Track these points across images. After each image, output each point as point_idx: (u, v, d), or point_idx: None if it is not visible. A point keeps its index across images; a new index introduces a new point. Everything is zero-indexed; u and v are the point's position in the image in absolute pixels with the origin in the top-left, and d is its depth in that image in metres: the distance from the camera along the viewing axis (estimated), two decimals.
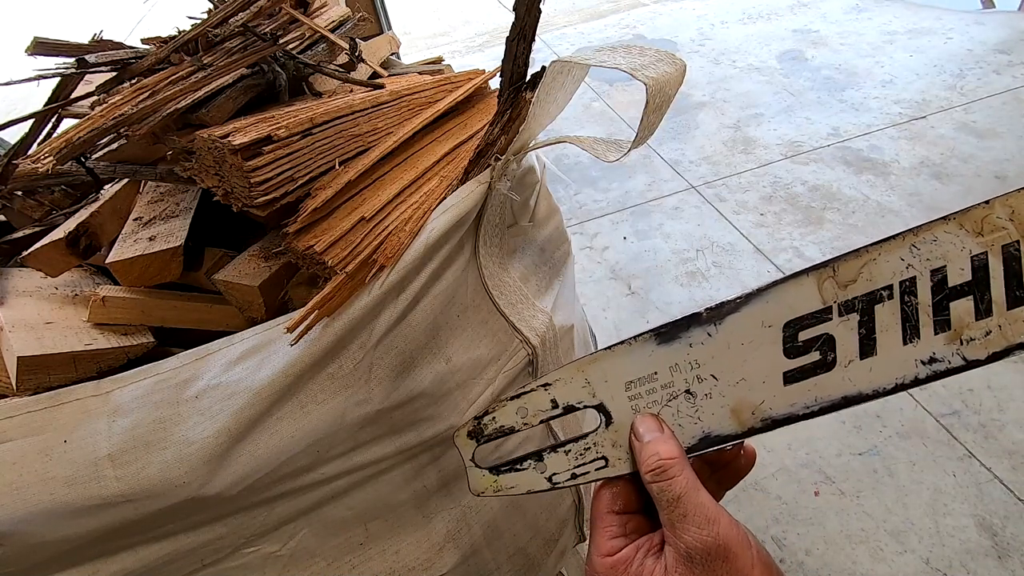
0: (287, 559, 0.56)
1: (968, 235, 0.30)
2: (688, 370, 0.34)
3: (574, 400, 0.35)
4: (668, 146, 2.32)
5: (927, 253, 0.30)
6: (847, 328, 0.32)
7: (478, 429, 0.37)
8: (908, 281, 0.31)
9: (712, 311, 0.33)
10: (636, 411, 0.35)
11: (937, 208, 1.84)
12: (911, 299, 0.31)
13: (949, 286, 0.30)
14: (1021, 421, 1.28)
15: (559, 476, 0.36)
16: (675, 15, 3.43)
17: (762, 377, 0.33)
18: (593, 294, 1.76)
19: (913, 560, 1.11)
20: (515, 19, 0.50)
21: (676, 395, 0.34)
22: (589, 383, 0.35)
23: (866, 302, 0.31)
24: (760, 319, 0.33)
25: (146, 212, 0.63)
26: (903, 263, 0.31)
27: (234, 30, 0.66)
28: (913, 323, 0.31)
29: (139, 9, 5.25)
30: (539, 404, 0.36)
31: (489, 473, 0.37)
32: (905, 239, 0.31)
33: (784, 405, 0.33)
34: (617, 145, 0.55)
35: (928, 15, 2.91)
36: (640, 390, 0.35)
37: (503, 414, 0.36)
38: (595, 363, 0.35)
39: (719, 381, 0.34)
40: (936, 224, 0.30)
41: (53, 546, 0.45)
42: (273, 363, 0.48)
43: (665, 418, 0.35)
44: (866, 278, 0.31)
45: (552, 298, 0.69)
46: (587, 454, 0.36)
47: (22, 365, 0.48)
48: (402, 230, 0.51)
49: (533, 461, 0.36)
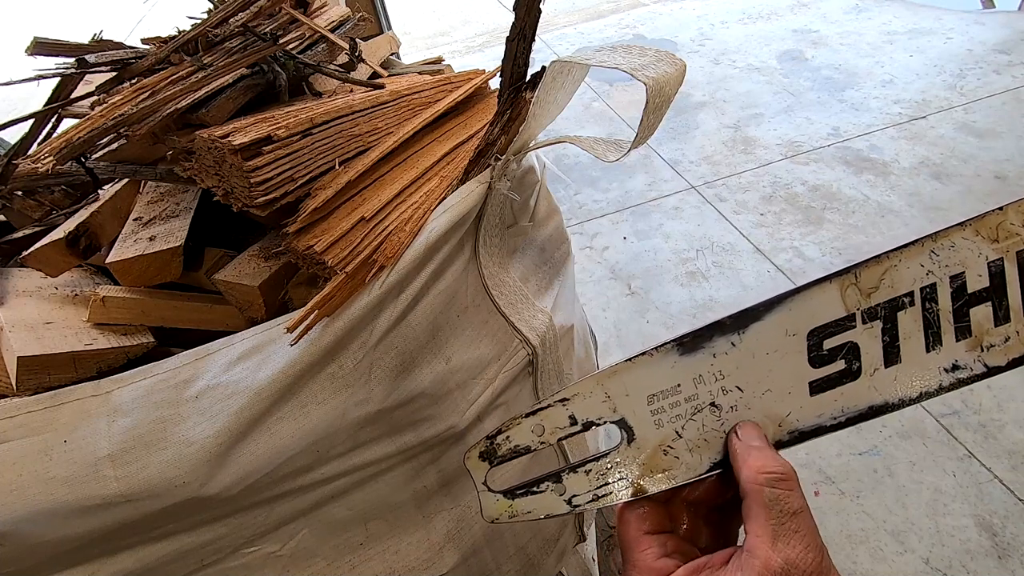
0: (287, 559, 0.56)
1: (984, 241, 0.30)
2: (713, 382, 0.33)
3: (594, 416, 0.34)
4: (668, 146, 2.32)
5: (946, 259, 0.30)
6: (871, 336, 0.31)
7: (491, 450, 0.34)
8: (928, 287, 0.31)
9: (735, 319, 0.32)
10: (659, 426, 0.33)
11: (937, 208, 1.84)
12: (932, 306, 0.31)
13: (968, 292, 0.30)
14: (1021, 421, 1.28)
15: (580, 498, 0.34)
16: (675, 15, 3.43)
17: (788, 388, 0.32)
18: (593, 294, 1.76)
19: (913, 560, 1.11)
20: (515, 19, 0.50)
21: (701, 408, 0.33)
22: (609, 397, 0.33)
23: (889, 309, 0.31)
24: (784, 327, 0.32)
25: (146, 212, 0.63)
26: (923, 269, 0.31)
27: (234, 30, 0.66)
28: (935, 330, 0.31)
29: (139, 9, 5.24)
30: (556, 421, 0.34)
31: (503, 498, 0.35)
32: (924, 245, 0.30)
33: (811, 416, 0.33)
34: (617, 145, 0.55)
35: (928, 15, 2.91)
36: (663, 403, 0.33)
37: (518, 432, 0.34)
38: (615, 376, 0.33)
39: (744, 393, 0.33)
40: (953, 230, 0.30)
41: (53, 546, 0.45)
42: (273, 363, 0.48)
43: (690, 434, 0.33)
44: (888, 285, 0.31)
45: (552, 298, 0.69)
46: (609, 473, 0.34)
47: (22, 365, 0.48)
48: (402, 230, 0.51)
49: (551, 483, 0.34)
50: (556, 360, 0.69)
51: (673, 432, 0.33)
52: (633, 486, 0.34)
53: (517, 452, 0.34)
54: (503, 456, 0.34)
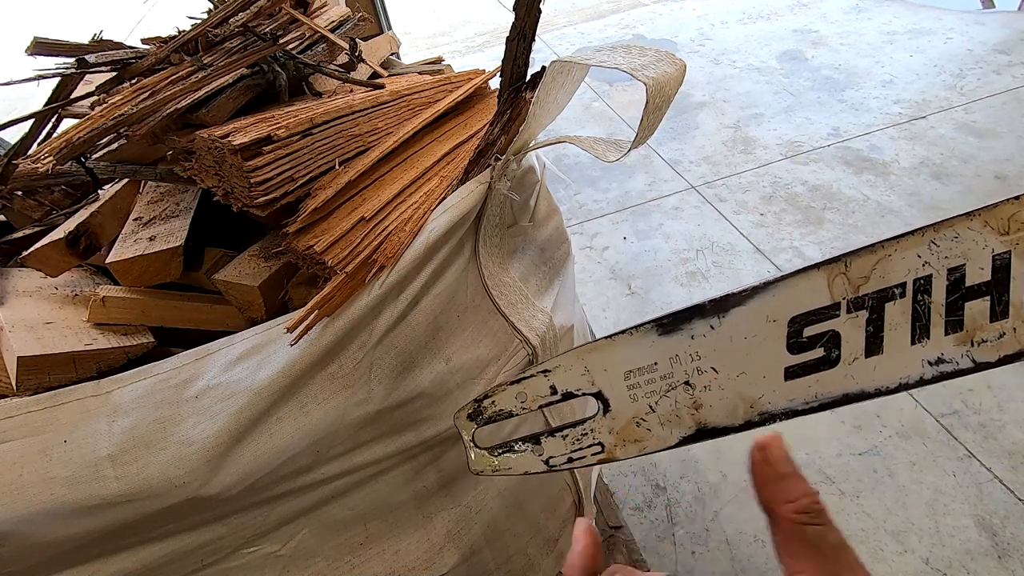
0: (287, 559, 0.56)
1: (992, 233, 0.29)
2: (688, 362, 0.34)
3: (573, 387, 0.36)
4: (668, 146, 2.32)
5: (946, 250, 0.29)
6: (854, 325, 0.31)
7: (477, 411, 0.37)
8: (923, 279, 0.30)
9: (716, 303, 0.33)
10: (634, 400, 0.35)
11: (937, 208, 1.84)
12: (924, 298, 0.30)
13: (966, 286, 0.30)
14: (1021, 421, 1.28)
15: (556, 459, 0.37)
16: (675, 15, 3.43)
17: (763, 372, 0.33)
18: (593, 294, 1.76)
19: (913, 560, 1.11)
20: (515, 19, 0.50)
21: (675, 386, 0.34)
22: (588, 371, 0.35)
23: (877, 300, 0.31)
24: (765, 313, 0.32)
25: (146, 212, 0.63)
26: (920, 260, 0.30)
27: (234, 30, 0.66)
28: (924, 323, 0.30)
29: (139, 9, 5.24)
30: (538, 390, 0.36)
31: (488, 454, 0.38)
32: (924, 235, 0.29)
33: (783, 400, 0.33)
34: (617, 145, 0.55)
35: (928, 15, 2.91)
36: (639, 380, 0.35)
37: (502, 398, 0.37)
38: (595, 351, 0.35)
39: (719, 374, 0.33)
40: (959, 220, 0.29)
41: (53, 546, 0.45)
42: (273, 363, 0.48)
43: (662, 409, 0.35)
44: (879, 275, 0.30)
45: (552, 298, 0.69)
46: (584, 439, 0.36)
47: (22, 365, 0.48)
48: (402, 230, 0.51)
49: (531, 444, 0.37)
50: None
51: (646, 406, 0.35)
52: (605, 452, 0.36)
53: (501, 415, 0.37)
54: (488, 418, 0.37)
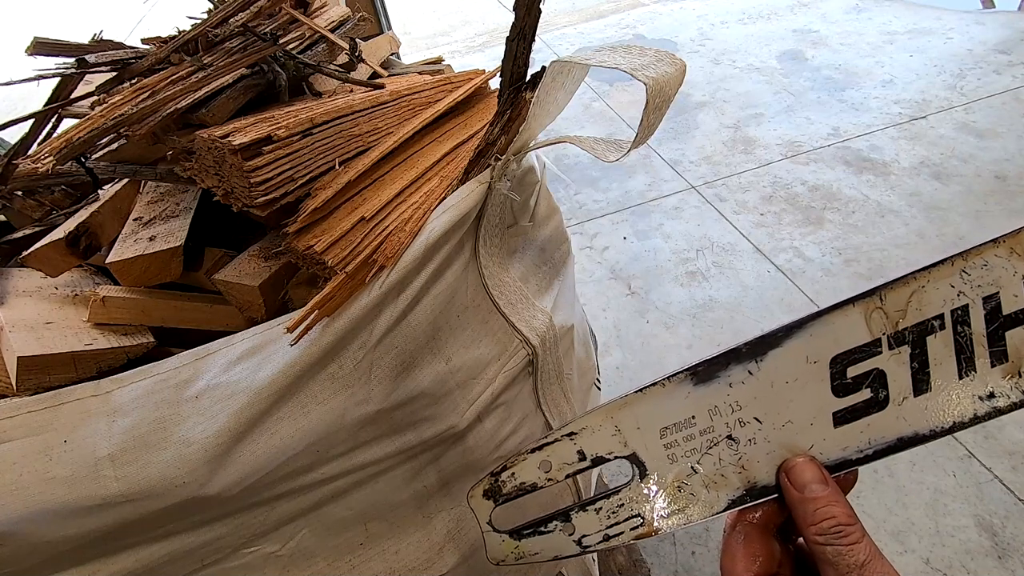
0: (287, 559, 0.56)
1: (1020, 259, 0.28)
2: (729, 413, 0.31)
3: (603, 451, 0.32)
4: (668, 146, 2.32)
5: (978, 279, 0.28)
6: (898, 362, 0.29)
7: (495, 487, 0.33)
8: (960, 309, 0.29)
9: (752, 346, 0.30)
10: (673, 461, 0.32)
11: (937, 208, 1.84)
12: (964, 329, 0.29)
13: (1003, 314, 0.28)
14: (1021, 421, 1.28)
15: (590, 538, 0.32)
16: (675, 15, 3.43)
17: (810, 419, 0.30)
18: (593, 294, 1.76)
19: (913, 560, 1.11)
20: (515, 19, 0.50)
21: (717, 441, 0.31)
22: (620, 431, 0.32)
23: (917, 333, 0.29)
24: (804, 354, 0.30)
25: (146, 212, 0.63)
26: (954, 290, 0.29)
27: (234, 30, 0.66)
28: (968, 355, 0.29)
29: (139, 9, 5.24)
30: (564, 456, 0.32)
31: (509, 538, 0.33)
32: (954, 264, 0.28)
33: (836, 449, 0.31)
34: (617, 145, 0.55)
35: (928, 15, 2.91)
36: (677, 437, 0.31)
37: (523, 469, 0.33)
38: (625, 408, 0.32)
39: (763, 424, 0.31)
40: (986, 248, 0.28)
41: (53, 546, 0.45)
42: (273, 363, 0.48)
43: (706, 468, 0.31)
44: (916, 307, 0.29)
45: (552, 298, 0.69)
46: (620, 512, 0.32)
47: (22, 365, 0.48)
48: (402, 230, 0.51)
49: (560, 522, 0.33)
50: (556, 360, 0.69)
51: (688, 467, 0.32)
52: (645, 526, 0.32)
53: (523, 490, 0.33)
54: (508, 494, 0.33)
